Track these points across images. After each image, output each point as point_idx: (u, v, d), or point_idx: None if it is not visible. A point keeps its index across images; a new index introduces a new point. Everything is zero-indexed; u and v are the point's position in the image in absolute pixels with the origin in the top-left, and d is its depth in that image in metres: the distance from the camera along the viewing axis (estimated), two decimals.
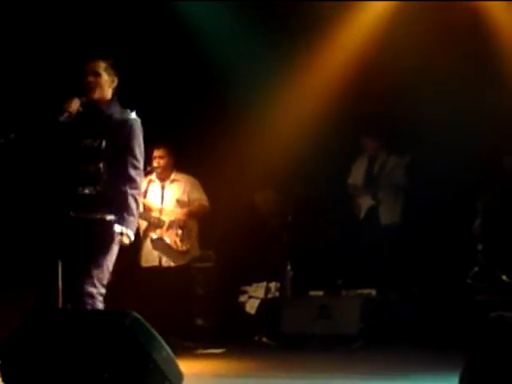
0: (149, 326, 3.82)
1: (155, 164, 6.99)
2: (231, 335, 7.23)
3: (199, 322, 7.47)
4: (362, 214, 8.01)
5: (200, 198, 7.14)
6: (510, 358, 3.40)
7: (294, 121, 7.97)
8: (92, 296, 4.36)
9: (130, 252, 6.99)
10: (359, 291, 7.46)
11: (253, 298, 7.59)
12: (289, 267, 7.59)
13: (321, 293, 7.47)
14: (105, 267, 4.41)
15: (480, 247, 7.49)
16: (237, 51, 7.73)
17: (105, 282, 4.42)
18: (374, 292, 7.53)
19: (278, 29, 7.83)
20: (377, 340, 6.89)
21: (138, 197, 4.56)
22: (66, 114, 4.46)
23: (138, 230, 6.99)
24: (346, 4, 7.75)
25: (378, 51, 7.69)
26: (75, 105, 4.49)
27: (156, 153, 7.01)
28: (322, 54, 8.03)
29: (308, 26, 7.69)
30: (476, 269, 7.50)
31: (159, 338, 3.83)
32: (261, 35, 7.80)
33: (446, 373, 4.68)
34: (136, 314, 3.81)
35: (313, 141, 7.87)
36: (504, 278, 7.38)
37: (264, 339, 7.21)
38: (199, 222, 7.16)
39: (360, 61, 7.80)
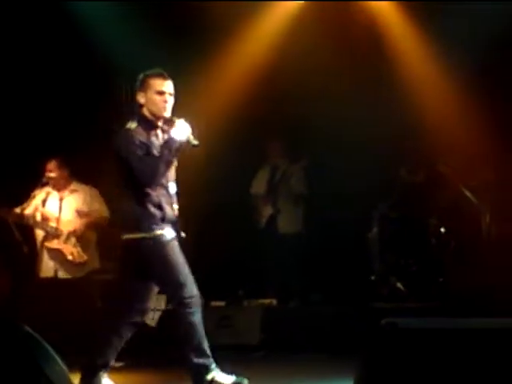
0: (41, 339, 3.72)
1: (47, 176, 6.93)
2: (131, 348, 7.12)
3: (98, 335, 7.31)
4: (263, 223, 8.08)
5: (100, 208, 7.07)
6: (401, 364, 3.48)
7: (196, 127, 7.93)
8: None
9: (27, 263, 6.89)
10: (260, 301, 7.50)
11: (154, 310, 7.51)
12: None
13: (222, 303, 7.47)
14: None
15: (376, 255, 7.68)
16: (133, 55, 7.63)
17: None
18: (274, 301, 7.60)
19: (177, 31, 7.79)
20: (278, 349, 6.93)
21: None
22: None
23: (35, 240, 6.95)
24: (248, 5, 7.79)
25: (279, 56, 7.78)
26: None
27: (47, 165, 6.97)
28: (223, 59, 8.03)
29: (209, 29, 7.69)
30: (372, 277, 7.69)
31: (52, 352, 3.74)
32: (159, 38, 7.72)
33: (343, 380, 4.75)
34: (27, 328, 3.71)
35: (215, 148, 7.87)
36: (399, 285, 7.58)
37: (165, 351, 7.13)
38: (99, 233, 7.08)
39: (262, 65, 7.86)
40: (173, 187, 4.90)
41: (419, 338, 3.50)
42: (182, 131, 4.70)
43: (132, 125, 4.74)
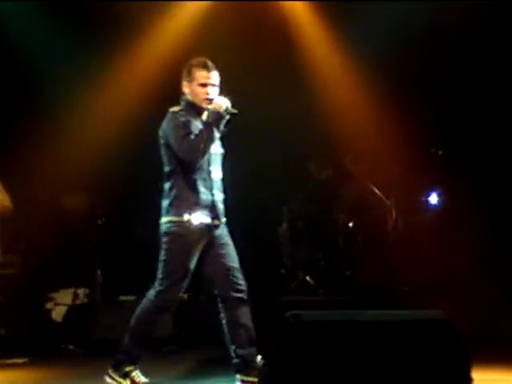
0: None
1: None
2: (36, 344, 7.01)
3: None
4: None
5: (1, 198, 6.88)
6: (305, 355, 3.55)
7: (106, 122, 7.86)
8: None
9: None
10: None
11: (60, 305, 7.41)
12: (98, 272, 7.48)
13: (132, 298, 7.41)
14: None
15: (286, 250, 7.78)
16: (44, 50, 7.51)
17: None
18: (185, 295, 7.58)
19: (88, 28, 7.69)
20: (190, 342, 6.94)
21: None
22: None
23: None
24: (160, 4, 7.75)
25: (191, 51, 7.75)
26: None
27: None
28: (135, 54, 7.97)
29: (119, 26, 7.62)
30: (282, 270, 7.78)
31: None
32: (72, 34, 7.62)
33: None
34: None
35: (126, 142, 7.81)
36: (308, 279, 7.71)
37: (71, 347, 7.04)
38: (1, 225, 6.90)
39: (173, 60, 7.83)
40: (217, 173, 4.85)
41: (322, 330, 3.58)
42: (218, 105, 4.70)
43: (176, 108, 4.79)
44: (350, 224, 7.73)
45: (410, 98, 7.75)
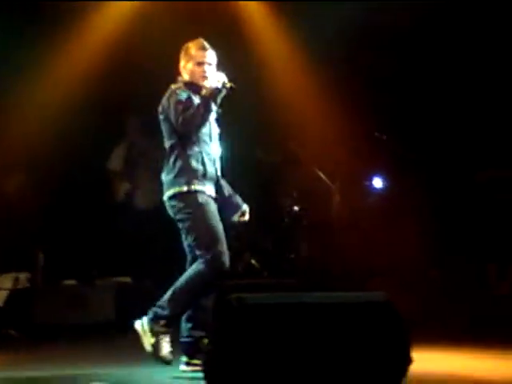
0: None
1: None
2: None
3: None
4: (119, 199, 8.01)
5: None
6: (248, 338, 3.56)
7: (49, 103, 7.75)
8: None
9: None
10: (114, 279, 7.43)
11: (0, 290, 7.29)
12: (41, 256, 7.38)
13: (74, 282, 7.35)
14: None
15: (233, 232, 7.78)
16: None
17: None
18: (129, 279, 7.55)
19: (28, 14, 7.57)
20: (132, 328, 6.89)
21: None
22: None
23: None
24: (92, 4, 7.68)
25: (137, 36, 7.72)
26: None
27: None
28: (77, 37, 7.87)
29: (60, 11, 7.52)
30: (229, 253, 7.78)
31: None
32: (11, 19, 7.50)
33: None
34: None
35: (70, 124, 7.71)
36: (253, 262, 7.73)
37: (12, 332, 6.94)
38: None
39: (116, 46, 7.76)
40: (216, 149, 4.89)
41: (265, 313, 3.59)
42: (215, 79, 4.74)
43: (175, 85, 4.85)
44: (296, 208, 7.77)
45: (357, 86, 7.81)
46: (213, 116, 4.84)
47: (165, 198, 4.83)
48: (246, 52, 7.85)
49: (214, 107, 4.73)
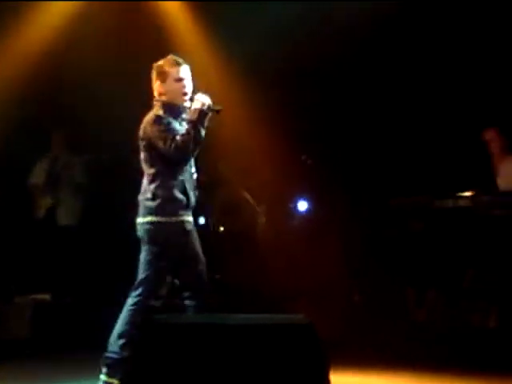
0: None
1: None
2: None
3: None
4: (41, 215, 7.87)
5: None
6: (164, 359, 3.52)
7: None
8: None
9: None
10: (33, 296, 7.27)
11: None
12: None
13: (27, 298, 7.18)
14: None
15: None
16: None
17: None
18: (48, 297, 7.39)
19: None
20: (48, 346, 6.75)
21: None
22: None
23: None
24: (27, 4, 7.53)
25: (67, 48, 7.60)
26: None
27: None
28: (8, 46, 7.72)
29: None
30: None
31: None
32: None
33: None
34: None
35: None
36: (176, 282, 7.66)
37: None
38: None
39: (49, 56, 7.62)
40: (194, 172, 4.87)
41: (182, 333, 3.56)
42: (200, 102, 4.69)
43: (159, 111, 4.74)
44: (221, 228, 7.76)
45: (284, 106, 7.87)
46: None
47: (143, 220, 4.74)
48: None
49: (202, 132, 4.68)
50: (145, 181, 4.76)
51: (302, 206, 7.94)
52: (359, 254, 7.42)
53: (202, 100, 4.70)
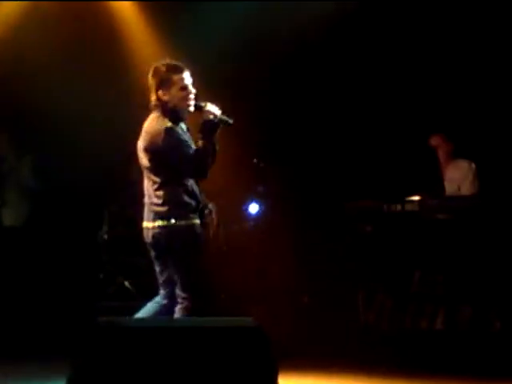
0: None
1: None
2: None
3: None
4: None
5: None
6: (114, 362, 3.49)
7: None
8: None
9: None
10: None
11: None
12: None
13: None
14: None
15: (105, 254, 7.67)
16: None
17: None
18: None
19: None
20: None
21: None
22: None
23: None
24: None
25: (12, 48, 7.50)
26: None
27: None
28: None
29: None
30: (101, 275, 7.66)
31: None
32: None
33: (58, 381, 4.65)
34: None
35: None
36: (127, 284, 7.63)
37: None
38: None
39: None
40: None
41: (132, 336, 3.54)
42: (212, 114, 4.66)
43: (167, 123, 4.65)
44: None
45: (235, 110, 7.85)
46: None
47: (154, 225, 4.72)
48: (124, 63, 7.75)
49: (216, 144, 4.70)
50: (150, 186, 4.72)
51: (254, 208, 7.95)
52: (310, 256, 7.45)
53: (213, 111, 4.70)
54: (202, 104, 4.74)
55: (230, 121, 4.75)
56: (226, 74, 7.68)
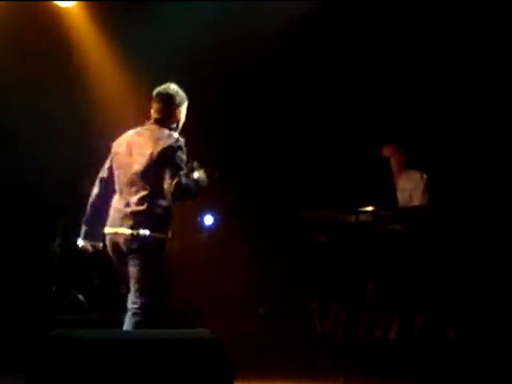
0: None
1: None
2: None
3: None
4: None
5: None
6: (66, 375, 3.46)
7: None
8: None
9: None
10: None
11: None
12: None
13: None
14: None
15: (58, 267, 7.57)
16: None
17: None
18: None
19: None
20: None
21: None
22: None
23: None
24: None
25: None
26: None
27: None
28: None
29: None
30: (54, 288, 7.55)
31: None
32: None
33: None
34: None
35: None
36: (80, 297, 7.54)
37: None
38: None
39: None
40: None
41: (83, 349, 3.51)
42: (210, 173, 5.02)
43: (181, 139, 4.95)
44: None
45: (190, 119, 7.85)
46: None
47: (132, 232, 4.83)
48: (72, 67, 7.68)
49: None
50: (132, 194, 4.88)
51: (208, 220, 7.94)
52: (266, 266, 7.46)
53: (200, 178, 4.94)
54: (195, 166, 4.99)
55: (216, 174, 5.10)
56: (176, 78, 7.65)
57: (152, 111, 5.07)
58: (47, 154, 7.54)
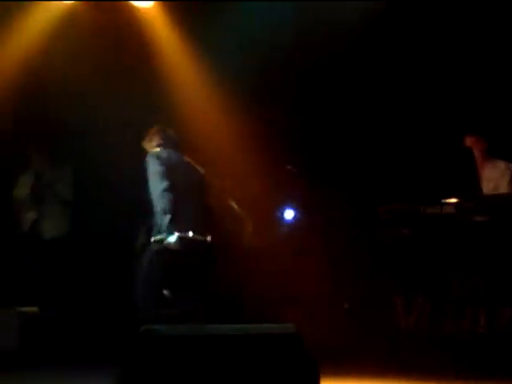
0: None
1: None
2: None
3: None
4: (26, 228, 7.84)
5: None
6: (157, 371, 3.50)
7: None
8: None
9: None
10: (19, 309, 7.23)
11: None
12: None
13: None
14: None
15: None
16: None
17: None
18: (36, 309, 7.35)
19: None
20: (37, 358, 6.71)
21: None
22: None
23: None
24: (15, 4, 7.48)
25: (45, 57, 7.57)
26: None
27: None
28: None
29: None
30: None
31: None
32: None
33: None
34: None
35: None
36: (166, 292, 7.62)
37: None
38: None
39: (28, 65, 7.60)
40: None
41: (174, 345, 3.55)
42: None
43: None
44: (208, 238, 7.71)
45: (271, 114, 7.87)
46: None
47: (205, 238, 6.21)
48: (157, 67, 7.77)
49: None
50: (195, 209, 6.18)
51: (289, 214, 7.94)
52: (347, 261, 7.42)
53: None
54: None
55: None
56: (253, 79, 7.68)
57: None
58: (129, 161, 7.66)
